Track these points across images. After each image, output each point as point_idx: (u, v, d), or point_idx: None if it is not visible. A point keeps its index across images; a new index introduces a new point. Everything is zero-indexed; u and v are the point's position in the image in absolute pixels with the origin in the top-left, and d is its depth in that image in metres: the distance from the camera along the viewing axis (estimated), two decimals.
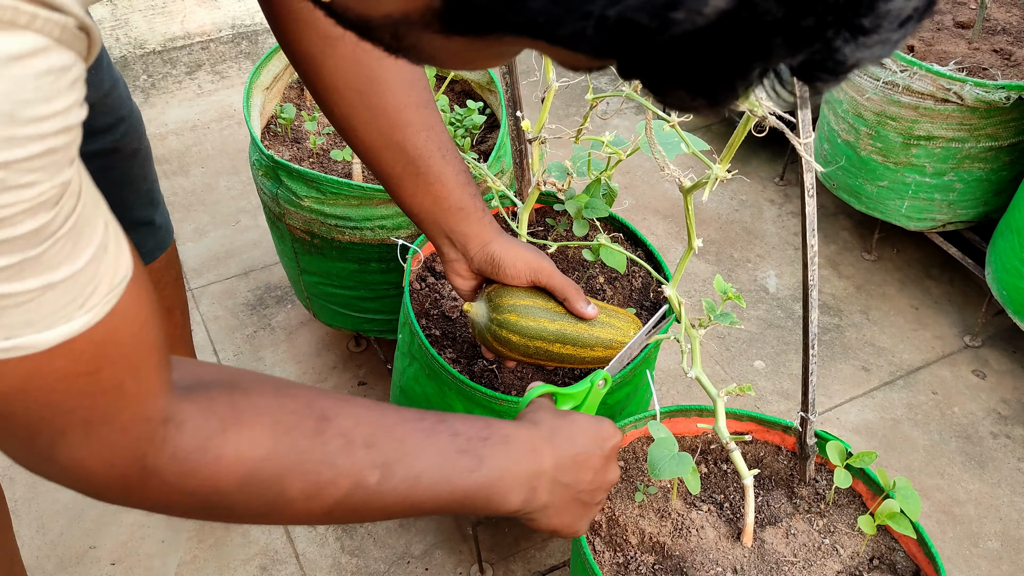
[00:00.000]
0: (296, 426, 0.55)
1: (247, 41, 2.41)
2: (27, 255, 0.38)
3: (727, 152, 0.85)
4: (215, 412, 0.52)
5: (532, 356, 0.98)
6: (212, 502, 0.53)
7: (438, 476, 0.62)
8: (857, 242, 1.91)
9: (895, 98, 1.57)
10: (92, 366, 0.43)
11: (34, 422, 0.44)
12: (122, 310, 0.44)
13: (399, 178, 0.87)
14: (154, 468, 0.49)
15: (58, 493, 1.41)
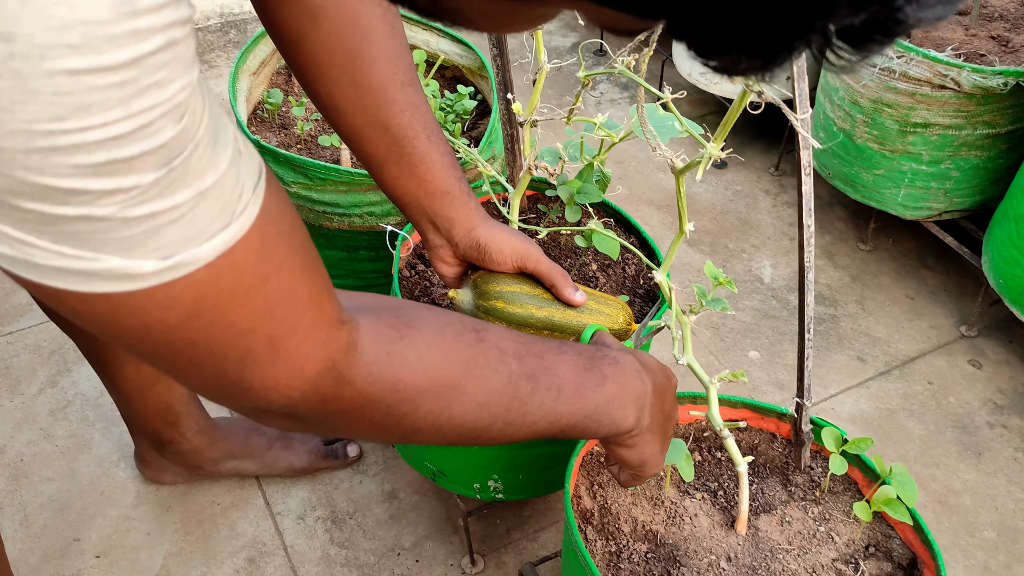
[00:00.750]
0: (460, 335, 0.57)
1: (235, 30, 2.38)
2: (173, 165, 0.36)
3: (721, 130, 0.84)
4: (387, 323, 0.53)
5: None
6: (400, 410, 0.54)
7: (573, 389, 0.65)
8: (852, 232, 1.89)
9: (892, 85, 1.55)
10: (258, 276, 0.42)
11: (217, 348, 0.43)
12: (269, 209, 0.42)
13: (383, 159, 0.85)
14: (346, 375, 0.49)
15: (41, 485, 1.39)
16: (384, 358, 0.52)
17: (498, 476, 1.17)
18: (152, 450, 1.32)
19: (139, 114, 0.34)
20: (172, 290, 0.39)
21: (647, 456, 0.77)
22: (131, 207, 0.36)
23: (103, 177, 0.34)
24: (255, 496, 1.39)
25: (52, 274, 0.37)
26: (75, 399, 1.51)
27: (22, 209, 0.34)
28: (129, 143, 0.34)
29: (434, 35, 1.50)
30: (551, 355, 0.66)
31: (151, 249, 0.37)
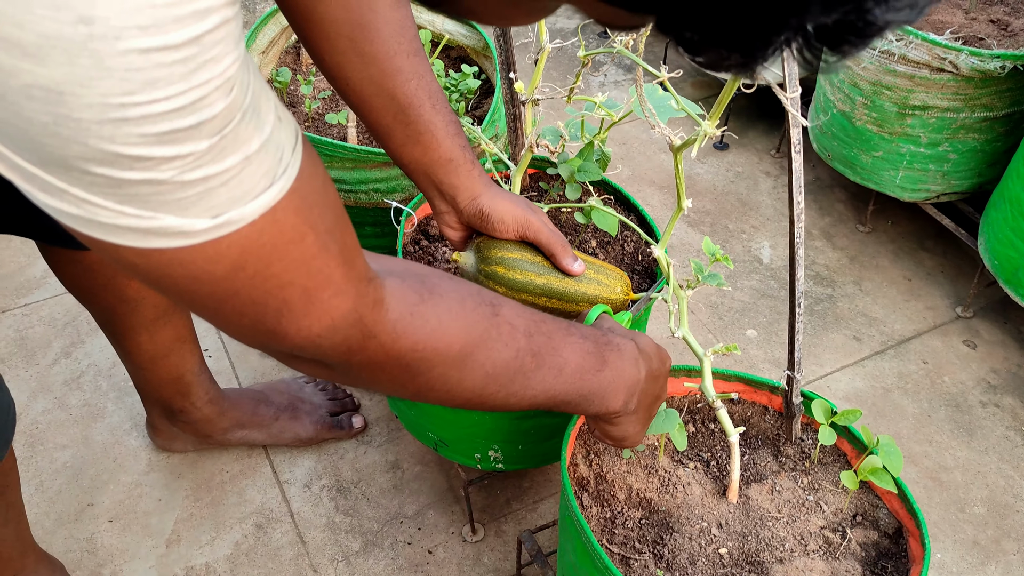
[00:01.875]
0: (477, 307, 0.61)
1: (245, 11, 2.41)
2: (224, 133, 0.40)
3: (716, 108, 0.86)
4: (411, 287, 0.57)
5: None
6: (417, 369, 0.58)
7: (574, 370, 0.70)
8: (851, 214, 1.91)
9: (891, 67, 1.57)
10: (296, 233, 0.46)
11: (258, 298, 0.47)
12: (305, 171, 0.46)
13: (389, 127, 0.88)
14: (371, 329, 0.53)
15: (56, 452, 1.43)
16: (407, 318, 0.56)
17: (498, 446, 1.21)
18: (164, 419, 1.36)
19: (198, 87, 0.37)
20: (220, 246, 0.43)
21: (628, 434, 0.84)
22: (187, 172, 0.39)
23: (165, 145, 0.38)
24: (263, 465, 1.43)
25: (114, 231, 0.41)
26: (88, 369, 1.55)
27: (92, 174, 0.38)
28: (188, 114, 0.38)
29: (439, 16, 1.52)
30: (559, 336, 0.70)
31: (203, 209, 0.41)
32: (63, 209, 0.40)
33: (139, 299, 1.16)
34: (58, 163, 0.38)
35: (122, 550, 1.32)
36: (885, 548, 0.99)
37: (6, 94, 0.35)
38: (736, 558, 0.97)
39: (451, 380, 0.61)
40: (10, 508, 1.03)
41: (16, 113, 0.35)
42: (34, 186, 0.39)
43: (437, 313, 0.58)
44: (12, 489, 1.03)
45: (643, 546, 0.98)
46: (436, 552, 1.33)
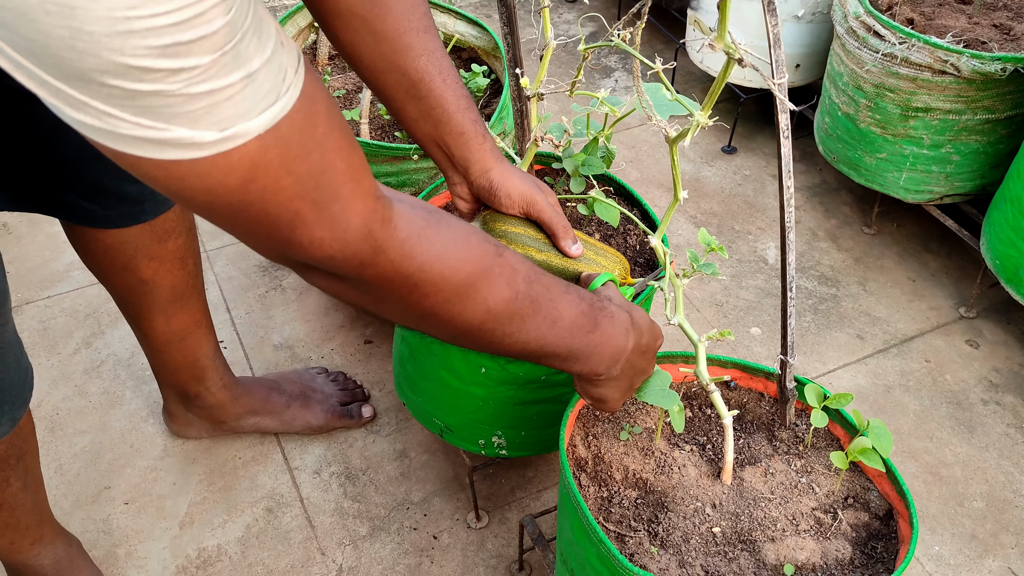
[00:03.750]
0: (482, 243, 0.64)
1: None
2: (225, 50, 0.43)
3: (709, 98, 0.89)
4: (419, 213, 0.60)
5: None
6: (423, 291, 0.61)
7: (566, 326, 0.73)
8: (857, 216, 1.94)
9: (894, 70, 1.60)
10: (302, 149, 0.49)
11: (272, 209, 0.50)
12: (308, 92, 0.50)
13: (402, 103, 0.91)
14: (381, 243, 0.56)
15: (75, 437, 1.48)
16: (415, 238, 0.59)
17: (502, 432, 1.24)
18: (179, 404, 1.40)
19: (195, 3, 0.41)
20: (230, 158, 0.47)
21: (607, 397, 0.89)
22: (193, 85, 0.43)
23: (170, 58, 0.42)
24: (274, 452, 1.47)
25: (133, 143, 0.45)
26: (108, 359, 1.60)
27: (108, 85, 0.42)
28: (188, 29, 0.42)
29: (451, 17, 1.57)
30: (557, 290, 0.74)
31: (211, 122, 0.45)
32: (87, 122, 0.44)
33: (156, 281, 1.21)
34: (78, 76, 0.42)
35: (137, 531, 1.36)
36: (875, 529, 1.01)
37: (28, 11, 0.39)
38: (728, 536, 1.00)
39: (453, 309, 0.64)
40: (28, 474, 1.07)
41: (38, 29, 0.39)
42: (61, 101, 0.43)
43: (444, 240, 0.61)
44: (31, 456, 1.07)
45: (638, 524, 1.01)
46: (441, 537, 1.36)
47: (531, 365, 1.14)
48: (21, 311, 1.68)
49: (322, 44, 1.60)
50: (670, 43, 2.41)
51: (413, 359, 1.26)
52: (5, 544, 1.12)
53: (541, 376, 1.15)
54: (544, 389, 1.17)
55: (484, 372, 1.15)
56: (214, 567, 1.32)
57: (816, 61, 1.98)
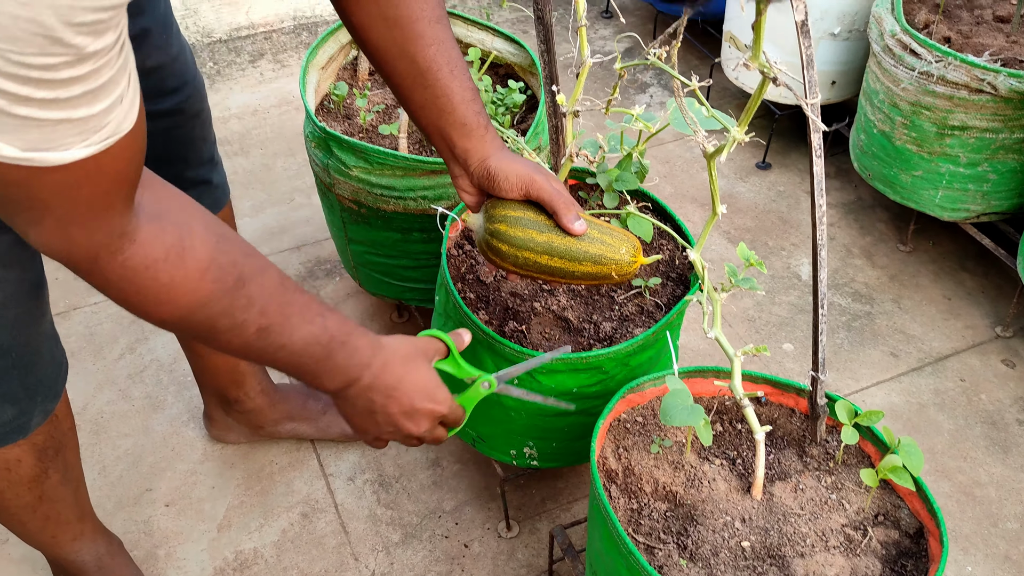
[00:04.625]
0: (219, 279, 0.69)
1: (307, 32, 2.52)
2: (58, 95, 0.49)
3: (745, 115, 0.91)
4: (163, 243, 0.65)
5: (523, 267, 0.99)
6: (143, 309, 0.68)
7: (295, 351, 0.78)
8: (893, 234, 1.93)
9: (930, 88, 1.60)
10: (76, 183, 0.56)
11: (23, 205, 0.57)
12: (114, 153, 0.56)
13: (409, 90, 0.91)
14: (103, 268, 0.63)
15: (119, 440, 1.52)
16: (141, 270, 0.64)
17: (533, 443, 1.26)
18: (219, 408, 1.44)
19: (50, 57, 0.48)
20: (17, 169, 0.52)
21: (347, 415, 0.91)
22: (16, 107, 0.49)
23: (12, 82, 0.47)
24: (310, 458, 1.50)
25: None
26: (151, 364, 1.64)
27: None
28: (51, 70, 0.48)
29: (489, 35, 1.60)
30: (296, 321, 0.76)
31: (17, 138, 0.50)
32: None
33: None
34: None
35: (177, 532, 1.40)
36: (905, 547, 1.01)
37: None
38: (758, 551, 1.00)
39: (168, 324, 0.71)
40: (68, 469, 1.11)
41: None
42: None
43: (172, 274, 0.66)
44: (70, 450, 1.11)
45: (667, 537, 1.02)
46: (472, 546, 1.38)
47: (563, 377, 1.16)
48: (68, 316, 1.73)
49: (362, 60, 1.63)
50: (705, 59, 2.42)
51: None
52: (47, 538, 1.16)
53: (573, 388, 1.17)
54: (576, 401, 1.19)
55: (517, 384, 1.17)
56: (250, 570, 1.35)
57: (852, 79, 1.98)
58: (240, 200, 2.00)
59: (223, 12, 2.42)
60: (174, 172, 1.13)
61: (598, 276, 0.99)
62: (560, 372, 1.15)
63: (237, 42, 2.46)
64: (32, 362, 0.96)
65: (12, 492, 1.05)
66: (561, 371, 1.15)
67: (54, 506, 1.12)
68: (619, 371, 1.18)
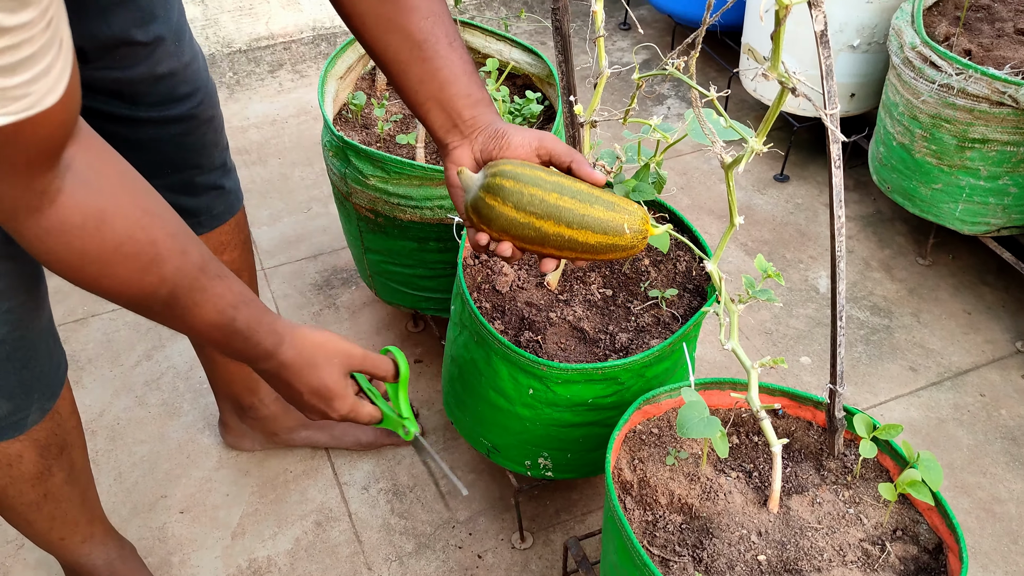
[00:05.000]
0: (134, 255, 0.69)
1: (326, 43, 2.54)
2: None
3: (763, 126, 0.90)
4: (82, 209, 0.66)
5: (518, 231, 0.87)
6: (57, 272, 0.69)
7: (199, 334, 0.79)
8: (912, 247, 1.92)
9: (950, 101, 1.59)
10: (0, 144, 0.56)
11: None
12: (36, 121, 0.56)
13: (406, 64, 0.87)
14: (20, 226, 0.64)
15: (135, 447, 1.53)
16: (56, 232, 0.65)
17: (547, 454, 1.25)
18: (234, 415, 1.44)
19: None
20: None
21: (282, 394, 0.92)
22: None
23: None
24: (324, 466, 1.50)
25: None
26: (167, 371, 1.65)
27: None
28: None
29: (507, 45, 1.60)
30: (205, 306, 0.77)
31: None
32: None
33: None
34: None
35: (191, 539, 1.40)
36: (924, 563, 1.00)
37: None
38: (774, 565, 0.99)
39: (86, 288, 0.71)
40: (74, 468, 1.11)
41: None
42: None
43: (84, 243, 0.66)
44: (75, 449, 1.11)
45: (683, 549, 1.02)
46: (485, 557, 1.38)
47: (578, 388, 1.16)
48: (87, 323, 1.74)
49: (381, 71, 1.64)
50: (723, 71, 2.42)
51: (462, 379, 1.28)
52: (55, 539, 1.16)
53: (588, 399, 1.17)
54: (591, 412, 1.19)
55: (532, 394, 1.17)
56: None
57: (871, 91, 1.97)
58: (258, 209, 2.01)
59: (243, 22, 2.44)
60: (186, 177, 1.14)
61: (603, 248, 0.87)
62: (576, 383, 1.15)
63: (256, 52, 2.48)
64: (28, 357, 0.96)
65: (15, 489, 1.05)
66: (577, 382, 1.15)
67: (60, 505, 1.12)
68: (635, 382, 1.17)
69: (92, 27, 0.93)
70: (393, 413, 0.99)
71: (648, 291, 1.28)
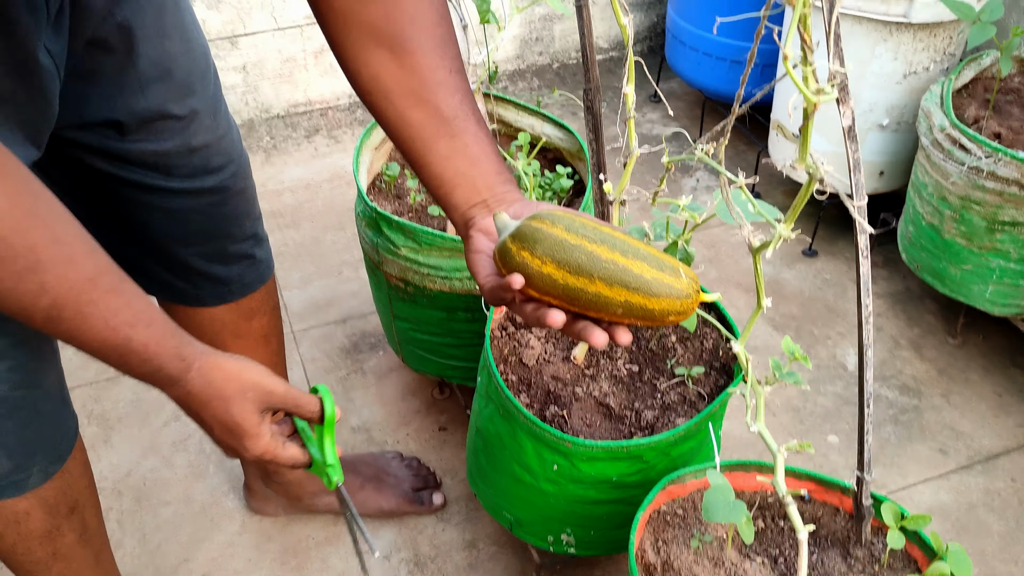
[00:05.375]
0: (7, 259, 0.66)
1: (361, 109, 2.60)
2: None
3: (791, 213, 0.91)
4: None
5: (550, 286, 0.73)
6: None
7: (91, 350, 0.74)
8: (941, 326, 1.90)
9: (979, 183, 1.59)
10: None
11: None
12: None
13: (431, 140, 0.82)
14: None
15: (160, 508, 1.54)
16: None
17: (571, 530, 1.24)
18: (258, 479, 1.45)
19: None
20: None
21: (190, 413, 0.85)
22: None
23: None
24: (346, 534, 1.49)
25: None
26: (195, 432, 1.66)
27: None
28: None
29: (538, 120, 1.64)
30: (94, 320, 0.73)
31: None
32: None
33: None
34: None
35: None
36: None
37: None
38: None
39: None
40: (87, 529, 1.10)
41: None
42: None
43: None
44: (88, 509, 1.10)
45: None
46: None
47: (603, 465, 1.15)
48: (117, 382, 1.77)
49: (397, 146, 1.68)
50: (752, 145, 2.44)
51: (487, 451, 1.28)
52: None
53: (613, 476, 1.16)
54: (615, 490, 1.18)
55: (556, 469, 1.17)
56: None
57: (900, 169, 1.98)
58: (289, 272, 2.04)
59: (282, 89, 2.52)
60: (218, 246, 1.16)
61: (644, 312, 0.73)
62: (600, 460, 1.15)
63: (294, 118, 2.55)
64: (31, 418, 0.95)
65: (23, 546, 1.04)
66: (601, 459, 1.14)
67: (70, 565, 1.11)
68: (660, 461, 1.17)
69: (131, 102, 0.96)
70: (319, 459, 0.91)
71: (675, 368, 1.28)
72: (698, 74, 2.39)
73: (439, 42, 0.83)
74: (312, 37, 2.48)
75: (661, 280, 0.72)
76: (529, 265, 0.73)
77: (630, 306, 0.72)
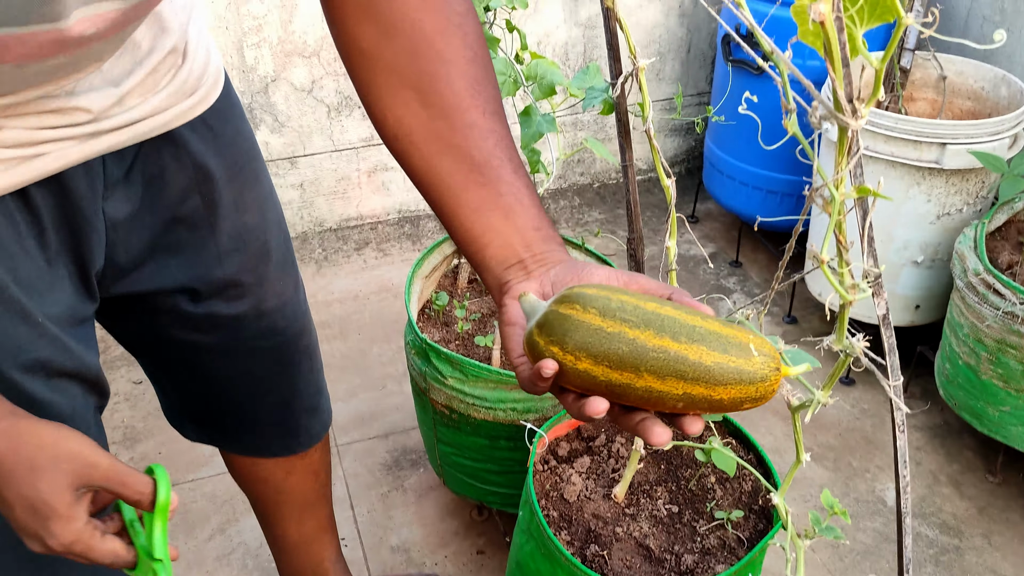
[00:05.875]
0: None
1: (410, 224, 2.71)
2: None
3: (828, 381, 0.96)
4: None
5: (590, 379, 0.60)
6: None
7: None
8: (981, 462, 1.90)
9: (1015, 328, 1.62)
10: None
11: None
12: None
13: (460, 189, 0.72)
14: None
15: None
16: None
17: None
18: None
19: None
20: None
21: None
22: None
23: None
24: None
25: None
26: (238, 547, 1.70)
27: None
28: None
29: (581, 253, 1.71)
30: None
31: None
32: None
33: (292, 491, 1.31)
34: None
35: None
36: None
37: None
38: None
39: None
40: None
41: None
42: None
43: None
44: None
45: None
46: None
47: None
48: None
49: (463, 270, 1.75)
50: (787, 275, 2.49)
51: None
52: None
53: None
54: None
55: None
56: None
57: (936, 303, 2.01)
58: (335, 384, 2.10)
59: (336, 204, 2.63)
60: (282, 399, 1.19)
61: (711, 404, 0.61)
62: None
63: (345, 231, 2.66)
64: None
65: None
66: None
67: None
68: None
69: (208, 271, 0.99)
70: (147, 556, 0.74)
71: (714, 512, 1.30)
72: (735, 201, 2.46)
73: (471, 81, 0.73)
74: (367, 158, 2.60)
75: (726, 365, 0.60)
76: (562, 362, 0.60)
77: (691, 399, 0.60)
